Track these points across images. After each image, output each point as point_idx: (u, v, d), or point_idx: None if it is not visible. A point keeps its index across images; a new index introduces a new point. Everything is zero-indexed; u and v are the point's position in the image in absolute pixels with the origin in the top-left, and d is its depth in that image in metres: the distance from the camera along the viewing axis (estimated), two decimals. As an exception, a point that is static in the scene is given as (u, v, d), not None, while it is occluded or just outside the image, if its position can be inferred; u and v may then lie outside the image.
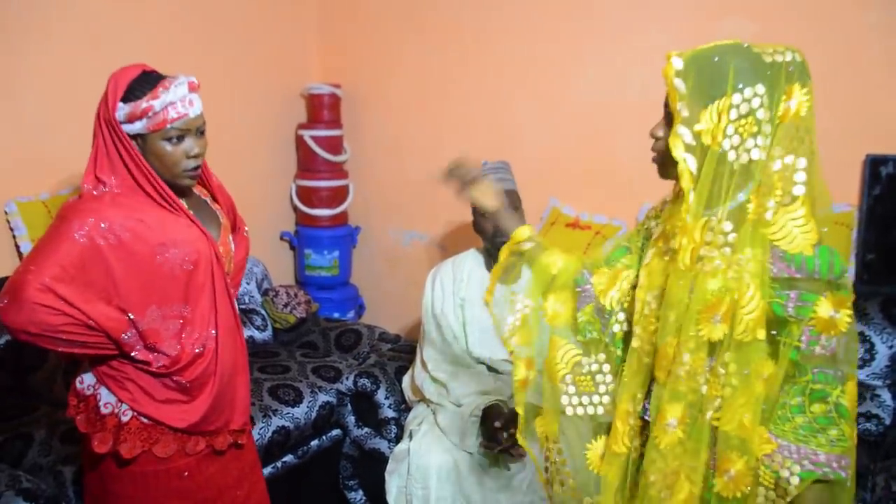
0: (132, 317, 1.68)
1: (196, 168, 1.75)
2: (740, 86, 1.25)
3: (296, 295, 3.48)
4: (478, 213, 2.55)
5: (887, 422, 2.52)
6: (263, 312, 3.39)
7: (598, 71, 3.17)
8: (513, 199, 2.51)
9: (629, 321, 1.51)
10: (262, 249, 3.61)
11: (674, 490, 1.36)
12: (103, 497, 1.82)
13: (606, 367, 1.56)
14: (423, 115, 3.66)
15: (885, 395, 2.56)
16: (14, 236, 2.76)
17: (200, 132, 1.74)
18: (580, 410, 1.57)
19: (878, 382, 2.59)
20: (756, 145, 1.26)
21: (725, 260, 1.30)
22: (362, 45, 3.79)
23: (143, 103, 1.64)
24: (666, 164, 1.36)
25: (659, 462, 1.38)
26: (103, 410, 1.73)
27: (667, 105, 1.34)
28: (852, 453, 1.28)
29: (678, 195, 1.37)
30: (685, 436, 1.35)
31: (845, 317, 1.28)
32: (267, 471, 2.62)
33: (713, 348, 1.32)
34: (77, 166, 2.78)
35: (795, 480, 1.27)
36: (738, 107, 1.25)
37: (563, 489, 1.61)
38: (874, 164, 2.69)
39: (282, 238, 3.92)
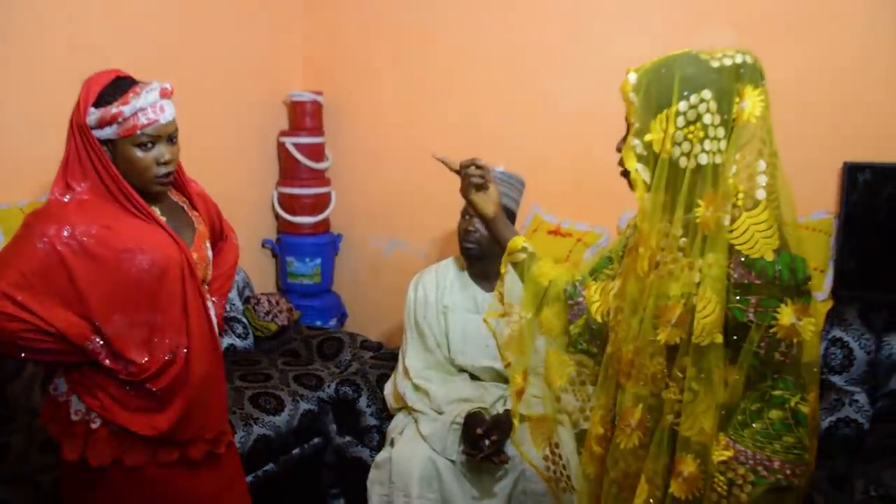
0: (97, 324, 1.67)
1: (167, 175, 1.74)
2: (685, 93, 1.28)
3: (277, 303, 3.46)
4: (463, 215, 2.56)
5: (865, 426, 2.54)
6: (245, 320, 3.37)
7: (579, 79, 3.19)
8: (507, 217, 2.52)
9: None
10: (243, 257, 3.54)
11: (636, 491, 1.37)
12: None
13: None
14: (406, 122, 3.66)
15: (863, 400, 2.58)
16: (-9, 244, 2.73)
17: (172, 139, 1.73)
18: (574, 417, 1.61)
19: (857, 388, 2.61)
20: (705, 150, 1.28)
21: (679, 265, 1.31)
22: (345, 52, 3.79)
23: (113, 109, 1.64)
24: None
25: (621, 463, 1.40)
26: (73, 418, 1.72)
27: (627, 119, 1.38)
28: (809, 461, 1.28)
29: None
30: (647, 439, 1.36)
31: (808, 324, 1.27)
32: (248, 479, 2.60)
33: (671, 353, 1.33)
34: (55, 173, 2.75)
35: (748, 488, 1.26)
36: (684, 114, 1.29)
37: (567, 486, 1.69)
38: (852, 171, 2.72)
39: (263, 245, 3.90)
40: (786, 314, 1.26)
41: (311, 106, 3.73)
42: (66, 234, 1.62)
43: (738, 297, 1.28)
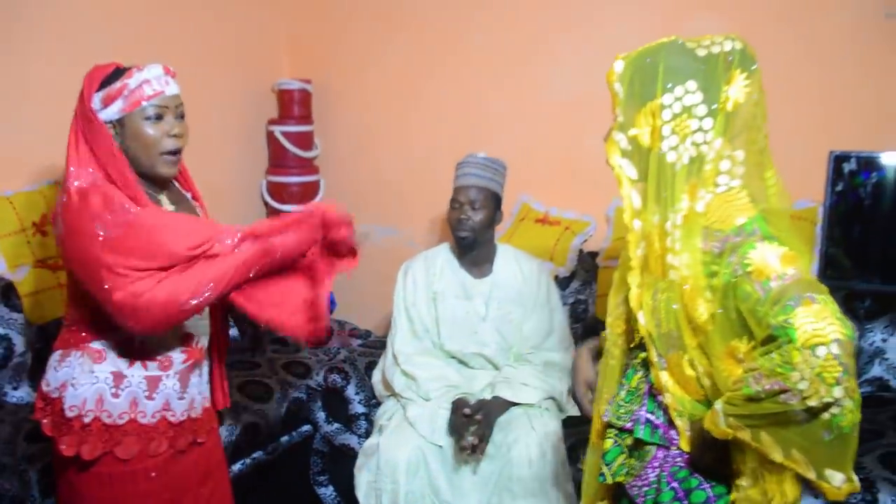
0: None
1: (177, 151, 1.71)
2: (669, 85, 1.26)
3: (266, 291, 3.45)
4: (453, 205, 2.56)
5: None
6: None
7: (569, 66, 3.19)
8: (489, 199, 2.53)
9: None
10: (231, 245, 3.57)
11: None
12: (72, 500, 1.79)
13: None
14: (395, 110, 3.65)
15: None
16: (-22, 233, 2.70)
17: (180, 115, 1.71)
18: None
19: (841, 375, 2.64)
20: (694, 143, 1.26)
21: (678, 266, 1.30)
22: (333, 40, 3.78)
23: (118, 83, 1.63)
24: None
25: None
26: (69, 413, 1.70)
27: (613, 110, 1.36)
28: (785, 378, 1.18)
29: None
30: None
31: (787, 256, 1.23)
32: (236, 467, 2.60)
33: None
34: (42, 162, 2.73)
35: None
36: (670, 107, 1.26)
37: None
38: (837, 161, 2.73)
39: (252, 234, 3.89)
40: (758, 252, 1.22)
41: (300, 94, 3.71)
42: (127, 206, 1.59)
43: (715, 268, 1.26)
